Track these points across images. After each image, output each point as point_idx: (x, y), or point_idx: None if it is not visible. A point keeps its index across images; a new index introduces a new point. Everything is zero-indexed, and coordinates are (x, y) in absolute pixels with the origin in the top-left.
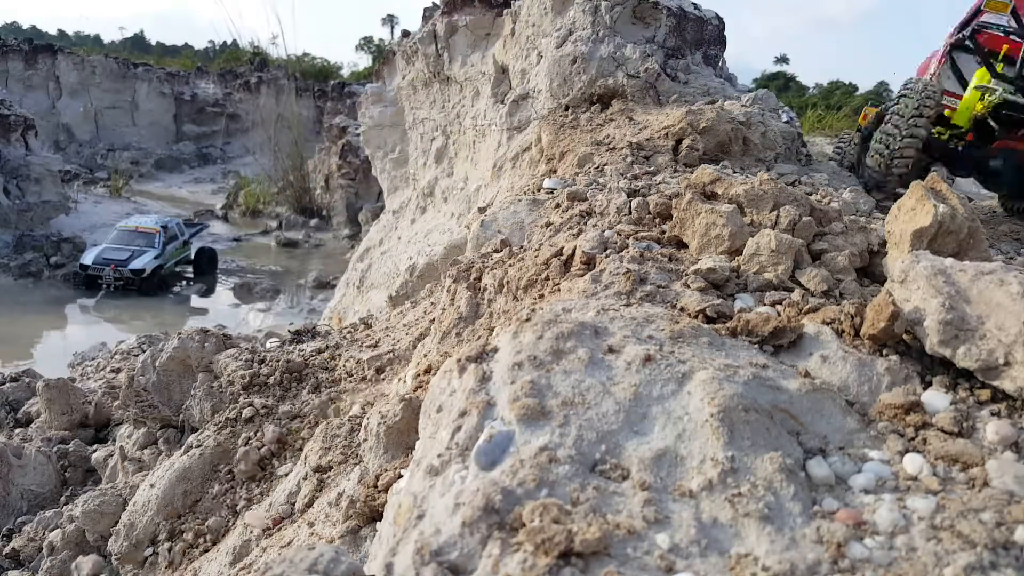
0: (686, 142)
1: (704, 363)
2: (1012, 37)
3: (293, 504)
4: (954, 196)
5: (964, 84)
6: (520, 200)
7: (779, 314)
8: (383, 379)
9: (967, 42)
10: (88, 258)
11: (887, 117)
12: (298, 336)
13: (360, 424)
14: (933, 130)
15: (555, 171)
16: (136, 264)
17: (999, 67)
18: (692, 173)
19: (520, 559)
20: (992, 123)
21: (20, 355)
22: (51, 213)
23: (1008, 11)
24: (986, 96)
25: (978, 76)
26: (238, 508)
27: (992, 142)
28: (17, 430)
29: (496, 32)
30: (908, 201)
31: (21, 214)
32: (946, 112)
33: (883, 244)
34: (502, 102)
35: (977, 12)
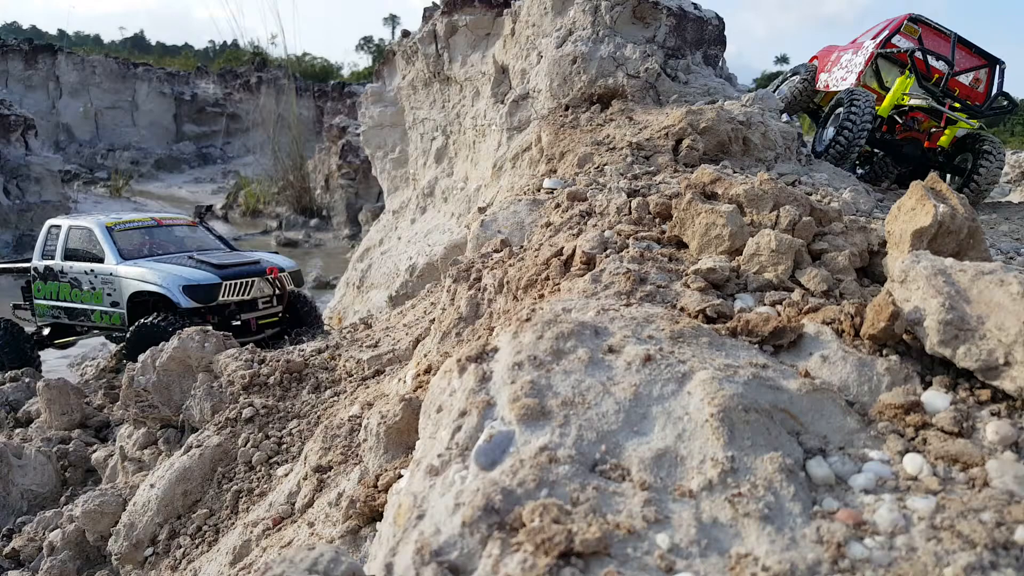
0: (686, 142)
1: (704, 363)
2: (916, 55)
3: (293, 504)
4: (954, 196)
5: (882, 84)
6: (520, 200)
7: (779, 314)
8: (383, 379)
9: (894, 54)
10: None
11: (843, 112)
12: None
13: (360, 424)
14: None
15: (555, 171)
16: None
17: (909, 76)
18: (692, 173)
19: (520, 559)
20: (898, 118)
21: None
22: (51, 213)
23: (916, 36)
24: (906, 99)
25: (899, 81)
26: (238, 508)
27: (898, 133)
28: (17, 430)
29: (496, 32)
30: (908, 201)
31: (21, 214)
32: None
33: (883, 244)
34: (502, 102)
35: (895, 32)
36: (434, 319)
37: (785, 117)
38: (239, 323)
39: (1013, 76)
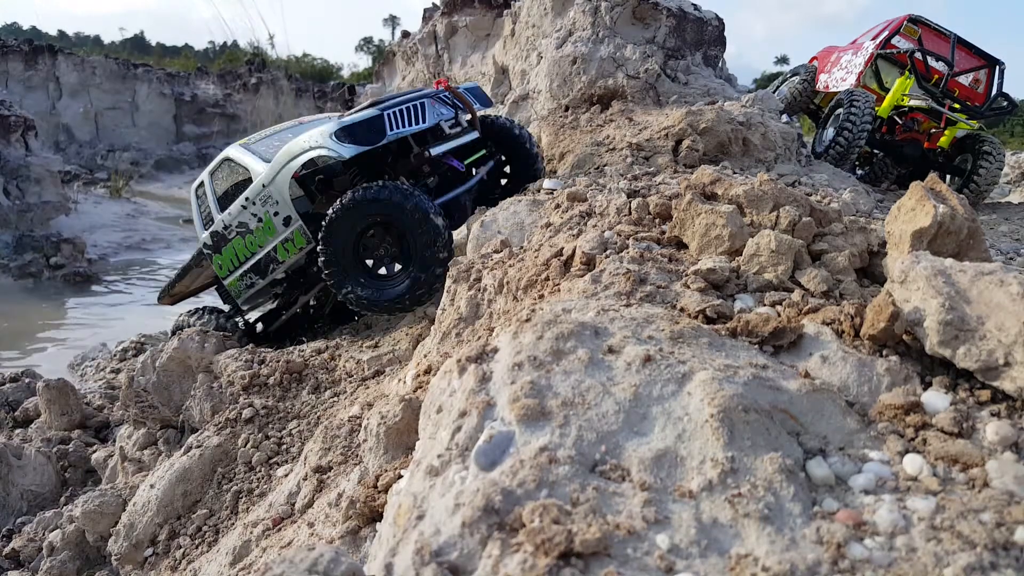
0: (686, 143)
1: (704, 363)
2: (916, 56)
3: (293, 504)
4: (954, 196)
5: (882, 85)
6: (520, 200)
7: (779, 314)
8: (383, 379)
9: (894, 55)
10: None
11: (843, 113)
12: None
13: (360, 424)
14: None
15: (555, 171)
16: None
17: (909, 77)
18: (692, 173)
19: (520, 559)
20: (897, 119)
21: (20, 355)
22: (51, 213)
23: (916, 37)
24: (906, 100)
25: (899, 82)
26: (238, 509)
27: (897, 134)
28: (17, 430)
29: (496, 33)
30: (908, 201)
31: (21, 214)
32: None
33: (883, 244)
34: (502, 102)
35: (895, 33)
36: (434, 319)
37: (785, 118)
38: (433, 176)
39: (1013, 76)
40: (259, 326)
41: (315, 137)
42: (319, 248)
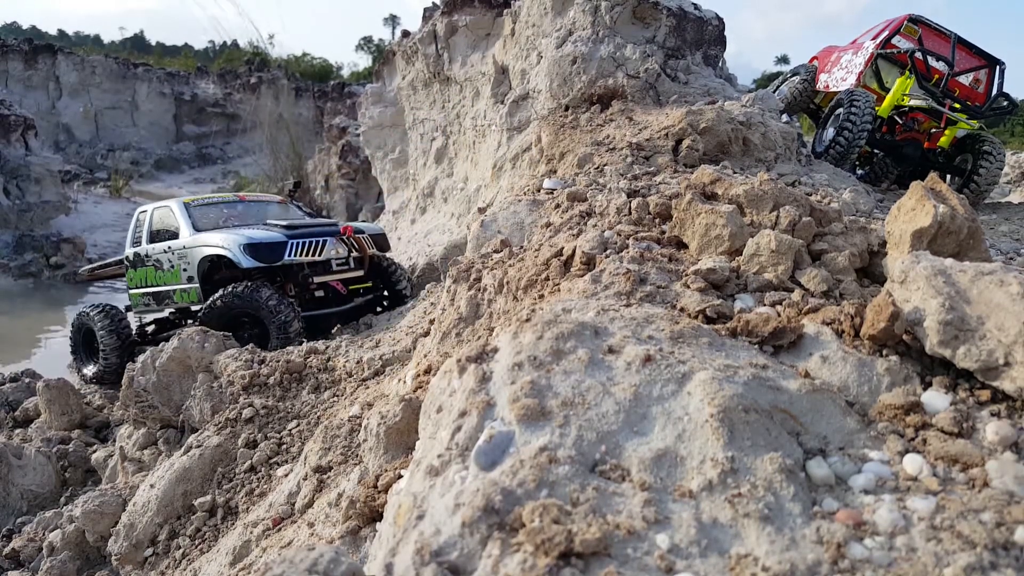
0: (686, 142)
1: (704, 363)
2: (916, 56)
3: (293, 504)
4: (954, 196)
5: (882, 84)
6: (520, 200)
7: (779, 314)
8: (383, 379)
9: (895, 54)
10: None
11: (843, 112)
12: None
13: (360, 424)
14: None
15: (555, 171)
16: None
17: (909, 77)
18: (692, 173)
19: (520, 559)
20: (898, 119)
21: (20, 355)
22: (51, 213)
23: (916, 36)
24: (906, 100)
25: (899, 82)
26: (238, 509)
27: (898, 133)
28: (17, 430)
29: (496, 32)
30: (908, 201)
31: (21, 214)
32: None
33: (883, 244)
34: (502, 102)
35: (895, 33)
36: (434, 319)
37: (785, 117)
38: (320, 291)
39: (1013, 76)
40: (151, 328)
41: (230, 240)
42: (200, 315)
